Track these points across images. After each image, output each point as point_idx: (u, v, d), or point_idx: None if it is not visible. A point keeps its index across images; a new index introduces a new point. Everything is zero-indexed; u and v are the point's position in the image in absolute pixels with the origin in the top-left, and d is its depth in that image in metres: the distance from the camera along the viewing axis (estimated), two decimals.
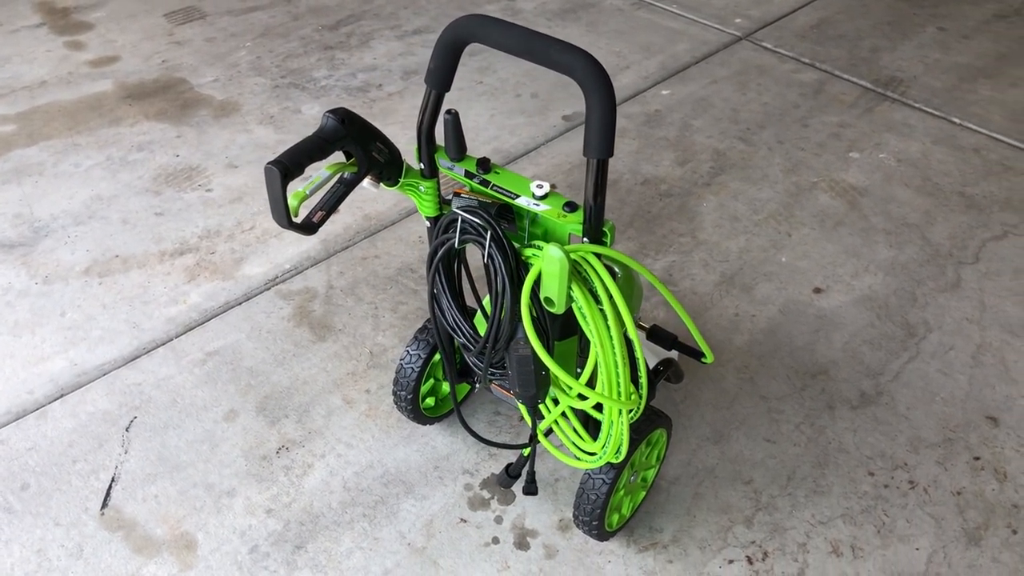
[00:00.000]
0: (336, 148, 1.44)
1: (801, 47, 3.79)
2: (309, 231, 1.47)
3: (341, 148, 1.46)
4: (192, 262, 2.67)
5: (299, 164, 1.38)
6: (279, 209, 1.39)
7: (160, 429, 2.18)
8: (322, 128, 1.44)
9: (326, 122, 1.43)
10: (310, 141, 1.41)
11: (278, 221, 1.42)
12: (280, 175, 1.35)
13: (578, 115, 3.34)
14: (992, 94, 3.49)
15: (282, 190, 1.37)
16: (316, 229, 1.48)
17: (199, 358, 2.37)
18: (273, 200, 1.39)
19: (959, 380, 2.31)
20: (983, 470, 2.10)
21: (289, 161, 1.37)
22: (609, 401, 1.43)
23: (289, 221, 1.41)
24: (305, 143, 1.41)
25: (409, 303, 2.53)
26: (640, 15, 4.05)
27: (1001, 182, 3.01)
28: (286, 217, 1.40)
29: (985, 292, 2.58)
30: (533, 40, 1.35)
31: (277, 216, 1.41)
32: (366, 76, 3.59)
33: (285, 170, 1.36)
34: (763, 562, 1.92)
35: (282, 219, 1.41)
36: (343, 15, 4.05)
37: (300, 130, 3.26)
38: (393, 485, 2.06)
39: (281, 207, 1.39)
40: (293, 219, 1.42)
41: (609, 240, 1.46)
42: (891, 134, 3.25)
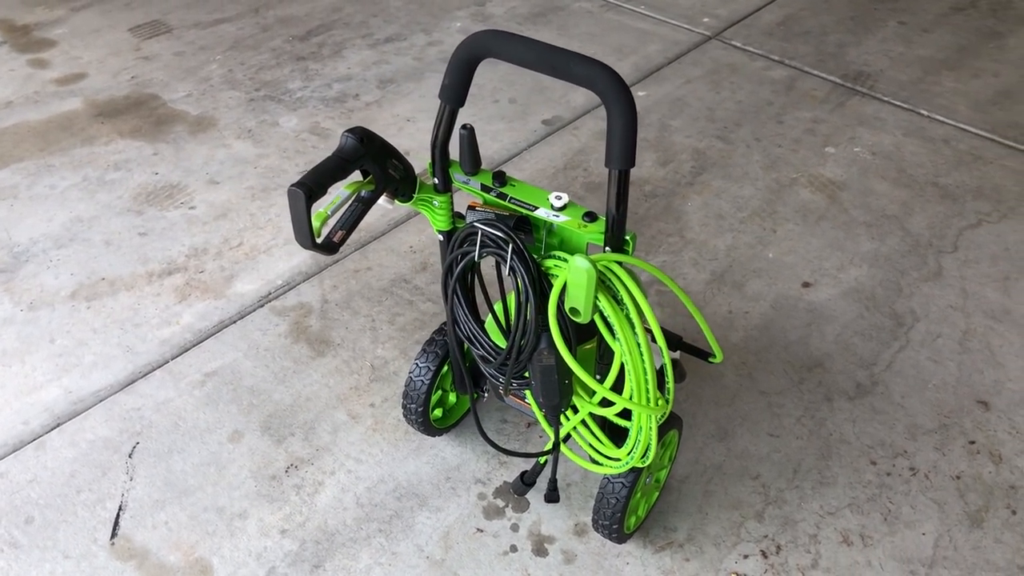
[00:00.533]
0: (356, 167, 1.44)
1: (770, 44, 3.86)
2: (331, 251, 1.46)
3: (360, 167, 1.46)
4: (181, 282, 2.64)
5: (322, 185, 1.38)
6: (303, 231, 1.39)
7: (164, 454, 2.15)
8: (341, 148, 1.43)
9: (345, 141, 1.43)
10: (331, 161, 1.41)
11: (302, 243, 1.41)
12: (305, 197, 1.35)
13: (557, 119, 3.36)
14: (956, 85, 3.59)
15: (307, 212, 1.37)
16: (337, 249, 1.48)
17: (198, 379, 2.34)
18: (297, 222, 1.38)
19: (949, 367, 2.38)
20: (979, 454, 2.17)
21: (312, 182, 1.36)
22: (639, 408, 1.45)
23: (313, 242, 1.41)
24: (326, 163, 1.40)
25: (406, 314, 2.53)
26: (609, 17, 4.09)
27: (972, 171, 3.10)
28: (310, 238, 1.40)
29: (966, 280, 2.65)
30: (552, 54, 1.37)
31: (301, 238, 1.40)
32: (342, 86, 3.57)
33: (309, 192, 1.35)
34: (777, 555, 1.96)
35: (306, 240, 1.40)
36: (313, 25, 4.02)
37: (279, 143, 3.23)
38: (406, 498, 2.06)
39: (306, 229, 1.38)
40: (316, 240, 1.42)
41: (631, 248, 1.48)
42: (864, 128, 3.32)
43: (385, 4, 4.19)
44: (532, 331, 1.49)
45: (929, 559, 1.95)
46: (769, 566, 1.93)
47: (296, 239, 1.42)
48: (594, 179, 3.06)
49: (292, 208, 1.37)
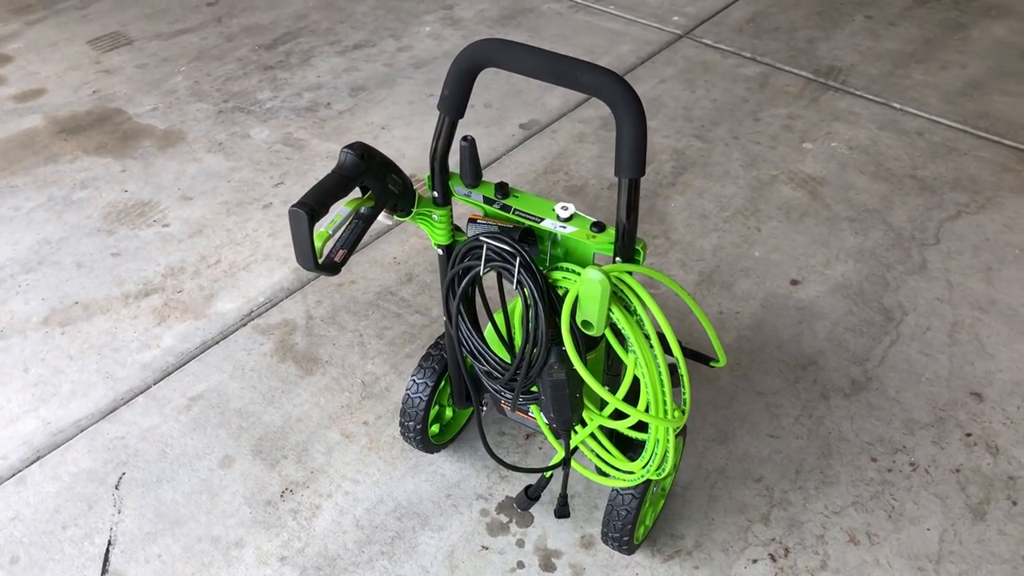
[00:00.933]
0: (356, 184, 1.39)
1: (741, 42, 3.87)
2: (333, 271, 1.41)
3: (360, 183, 1.41)
4: (159, 303, 2.56)
5: (324, 204, 1.33)
6: (306, 252, 1.34)
7: (152, 483, 2.08)
8: (341, 164, 1.38)
9: (345, 158, 1.38)
10: (331, 179, 1.36)
11: (304, 264, 1.36)
12: (308, 217, 1.30)
13: (534, 122, 3.33)
14: (925, 78, 3.62)
15: (309, 233, 1.31)
16: (340, 269, 1.42)
17: (183, 404, 2.26)
18: (300, 244, 1.33)
19: (940, 360, 2.39)
20: (976, 446, 2.18)
21: (314, 202, 1.31)
22: (657, 420, 1.42)
23: (316, 263, 1.36)
24: (326, 182, 1.35)
25: (394, 328, 2.48)
26: (579, 18, 4.07)
27: (947, 163, 3.13)
28: (313, 260, 1.35)
29: (950, 271, 2.67)
30: (558, 62, 1.33)
31: (303, 260, 1.35)
32: (312, 95, 3.50)
33: (312, 212, 1.30)
34: (786, 558, 1.94)
35: (309, 262, 1.35)
36: (278, 33, 3.94)
37: (252, 155, 3.16)
38: (407, 518, 2.01)
39: (308, 250, 1.33)
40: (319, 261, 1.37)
41: (642, 258, 1.45)
42: (839, 123, 3.34)
43: (351, 10, 4.13)
44: (543, 346, 1.45)
45: (936, 555, 1.95)
46: (779, 569, 1.92)
47: (298, 261, 1.37)
48: (575, 182, 3.03)
49: (294, 230, 1.32)
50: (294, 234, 1.33)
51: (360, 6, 4.17)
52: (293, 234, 1.33)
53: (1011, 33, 3.94)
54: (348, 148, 1.39)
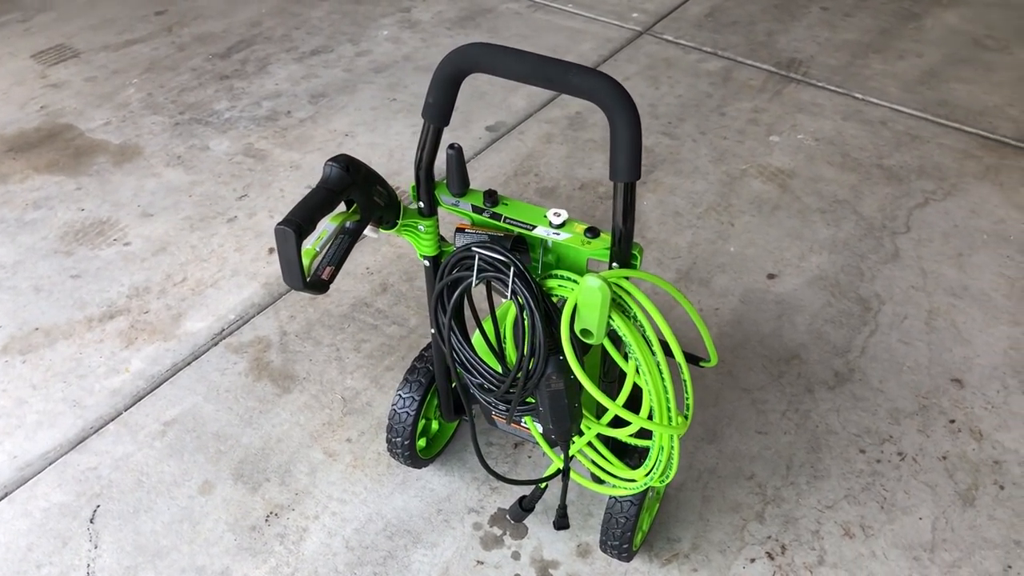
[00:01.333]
0: (343, 198, 1.34)
1: (701, 37, 3.87)
2: (321, 290, 1.36)
3: (346, 197, 1.36)
4: (125, 325, 2.46)
5: (311, 220, 1.27)
6: (294, 271, 1.28)
7: (130, 515, 1.99)
8: (327, 178, 1.33)
9: (330, 171, 1.33)
10: (317, 194, 1.30)
11: (292, 284, 1.30)
12: (295, 235, 1.24)
13: (501, 124, 3.29)
14: (884, 67, 3.66)
15: (297, 251, 1.26)
16: (328, 287, 1.37)
17: (157, 430, 2.18)
18: (287, 262, 1.27)
19: (919, 348, 2.41)
20: (960, 432, 2.19)
21: (301, 219, 1.26)
22: (661, 428, 1.39)
23: (304, 282, 1.30)
24: (312, 197, 1.30)
25: (372, 340, 2.42)
26: (539, 17, 4.04)
27: (912, 151, 3.16)
28: (301, 279, 1.29)
29: (923, 259, 2.69)
30: (548, 66, 1.29)
31: (291, 279, 1.30)
32: (271, 104, 3.42)
33: (299, 229, 1.25)
34: (783, 555, 1.93)
35: (297, 281, 1.29)
36: (232, 41, 3.84)
37: (213, 168, 3.07)
38: (398, 536, 1.96)
39: (296, 269, 1.28)
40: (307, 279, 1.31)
41: (639, 262, 1.42)
42: (803, 115, 3.36)
43: (306, 16, 4.04)
44: (541, 356, 1.41)
45: (929, 543, 1.95)
46: (777, 568, 1.91)
47: (285, 280, 1.31)
48: (546, 184, 3.00)
49: (280, 249, 1.26)
50: (281, 253, 1.27)
51: (315, 11, 4.09)
52: (280, 253, 1.27)
53: (962, 21, 4.00)
54: (332, 161, 1.34)
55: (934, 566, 1.91)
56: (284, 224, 1.25)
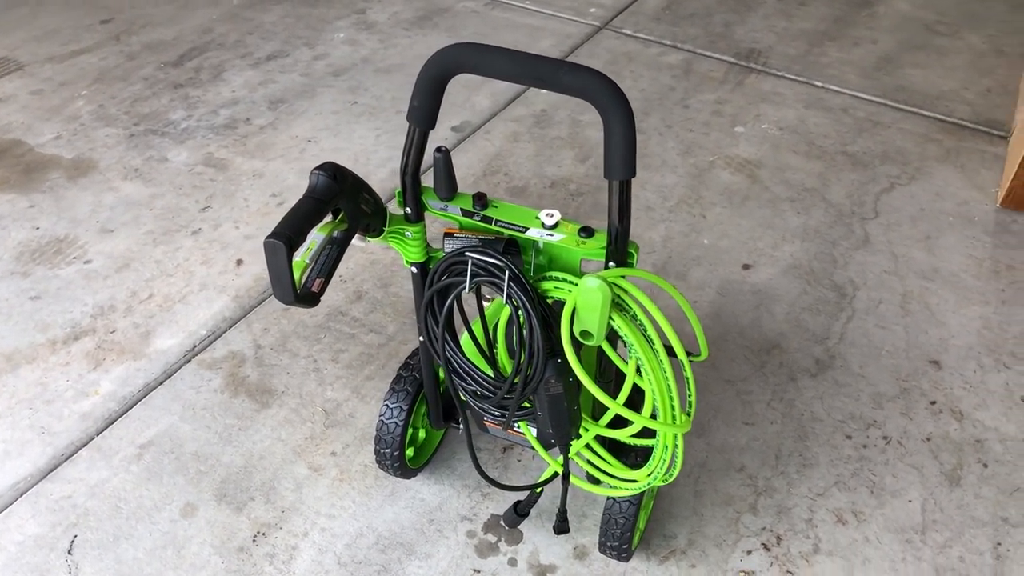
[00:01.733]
0: (331, 207, 1.29)
1: (660, 30, 3.87)
2: (312, 303, 1.31)
3: (335, 206, 1.31)
4: (92, 346, 2.38)
5: (301, 231, 1.23)
6: (285, 285, 1.23)
7: (109, 543, 1.92)
8: (314, 188, 1.28)
9: (317, 180, 1.28)
10: (305, 204, 1.26)
11: (283, 298, 1.26)
12: (286, 248, 1.19)
13: (466, 124, 3.25)
14: (840, 55, 3.70)
15: (288, 264, 1.21)
16: (319, 300, 1.32)
17: (133, 453, 2.11)
18: (278, 276, 1.23)
19: (896, 331, 2.43)
20: (941, 413, 2.22)
21: (291, 230, 1.21)
22: (665, 427, 1.38)
23: (296, 296, 1.25)
24: (301, 207, 1.25)
25: (350, 349, 2.37)
26: (496, 15, 4.00)
27: (874, 137, 3.20)
28: (293, 293, 1.25)
29: (893, 243, 2.73)
30: (538, 64, 1.26)
31: (282, 293, 1.25)
32: (229, 112, 3.33)
33: (290, 241, 1.20)
34: (779, 546, 1.93)
35: (288, 295, 1.25)
36: (184, 49, 3.74)
37: (173, 180, 2.98)
38: (391, 549, 1.92)
39: (288, 283, 1.23)
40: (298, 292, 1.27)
41: (635, 260, 1.40)
42: (766, 104, 3.38)
43: (259, 21, 3.96)
44: (540, 361, 1.39)
45: (920, 525, 1.97)
46: (774, 558, 1.91)
47: (275, 295, 1.26)
48: (516, 183, 2.97)
49: (270, 262, 1.21)
50: (271, 267, 1.22)
51: (267, 16, 4.00)
52: (270, 267, 1.22)
53: (913, 7, 4.06)
54: (319, 169, 1.29)
55: (926, 547, 1.93)
56: (274, 237, 1.20)
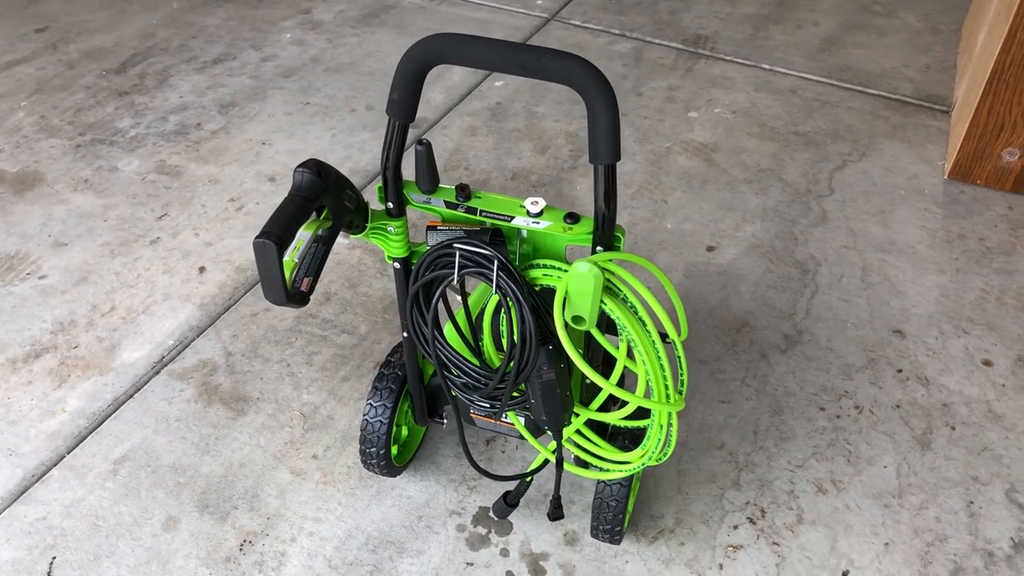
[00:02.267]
0: (317, 204, 1.28)
1: (607, 19, 3.90)
2: (303, 302, 1.30)
3: (320, 204, 1.30)
4: (54, 363, 2.31)
5: (290, 230, 1.21)
6: (276, 286, 1.22)
7: (90, 563, 1.87)
8: (299, 186, 1.27)
9: (302, 178, 1.27)
10: (293, 202, 1.24)
11: (274, 299, 1.24)
12: (276, 247, 1.18)
13: (422, 120, 3.24)
14: (785, 38, 3.78)
15: (279, 264, 1.20)
16: (308, 299, 1.31)
17: (107, 469, 2.05)
18: (269, 277, 1.21)
19: (859, 304, 2.50)
20: (908, 380, 2.29)
21: (280, 229, 1.19)
22: (659, 406, 1.39)
23: (287, 296, 1.24)
24: (288, 206, 1.24)
25: (323, 352, 2.34)
26: (444, 10, 3.99)
27: (824, 116, 3.28)
28: (284, 292, 1.23)
29: (849, 219, 2.80)
30: (520, 52, 1.27)
31: (273, 294, 1.23)
32: (179, 117, 3.26)
33: (280, 240, 1.18)
34: (764, 519, 1.97)
35: (280, 296, 1.23)
36: (125, 55, 3.65)
37: (126, 189, 2.91)
38: (382, 549, 1.90)
39: (279, 283, 1.21)
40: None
41: (621, 244, 1.41)
42: (717, 89, 3.43)
43: (201, 24, 3.88)
44: (533, 348, 1.39)
45: (896, 489, 2.03)
46: (760, 531, 1.95)
47: (266, 296, 1.24)
48: (477, 176, 2.97)
49: (261, 263, 1.20)
50: (261, 268, 1.20)
51: (210, 19, 3.92)
52: (260, 268, 1.20)
53: None
54: (302, 167, 1.28)
55: (904, 510, 1.99)
56: (264, 237, 1.18)
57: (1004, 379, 2.29)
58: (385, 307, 2.48)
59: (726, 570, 1.87)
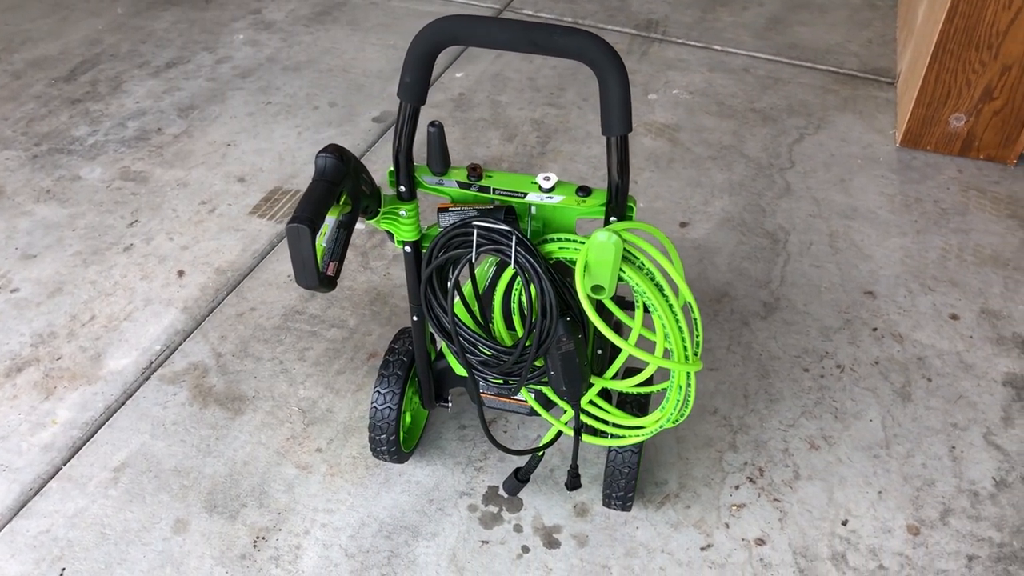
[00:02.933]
0: (341, 188, 1.29)
1: (559, 8, 3.96)
2: (331, 286, 1.31)
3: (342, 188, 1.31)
4: (38, 375, 2.26)
5: (321, 214, 1.23)
6: (310, 270, 1.23)
7: (102, 571, 1.85)
8: (323, 171, 1.28)
9: (325, 163, 1.28)
10: (319, 187, 1.25)
11: (307, 283, 1.25)
12: (311, 232, 1.19)
13: (387, 114, 3.25)
14: (732, 19, 3.88)
15: (313, 248, 1.21)
16: (336, 283, 1.32)
17: (107, 478, 2.03)
18: (303, 262, 1.22)
19: (830, 269, 2.60)
20: (884, 337, 2.39)
21: (312, 214, 1.21)
22: (679, 366, 1.44)
23: (319, 279, 1.25)
24: (316, 191, 1.25)
25: (314, 347, 2.34)
26: (396, 5, 3.99)
27: (777, 93, 3.38)
28: (317, 276, 1.24)
29: (812, 189, 2.90)
30: (531, 30, 1.30)
31: (306, 278, 1.24)
32: (138, 123, 3.21)
33: (312, 225, 1.20)
34: (763, 477, 2.05)
35: (312, 280, 1.24)
36: (74, 63, 3.57)
37: (91, 197, 2.85)
38: (397, 534, 1.92)
39: (312, 267, 1.23)
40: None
41: (633, 214, 1.46)
42: (673, 71, 3.51)
43: (150, 28, 3.81)
44: (553, 320, 1.43)
45: (883, 441, 2.13)
46: (760, 489, 2.02)
47: (298, 281, 1.25)
48: None
49: (295, 248, 1.21)
50: (294, 253, 1.21)
51: (158, 23, 3.86)
52: (293, 253, 1.21)
53: None
54: (324, 152, 1.29)
55: (892, 460, 2.08)
56: (296, 221, 1.19)
57: (971, 331, 2.41)
58: (372, 299, 2.49)
59: (732, 529, 1.94)
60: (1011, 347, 2.36)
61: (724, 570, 1.86)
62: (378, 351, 2.32)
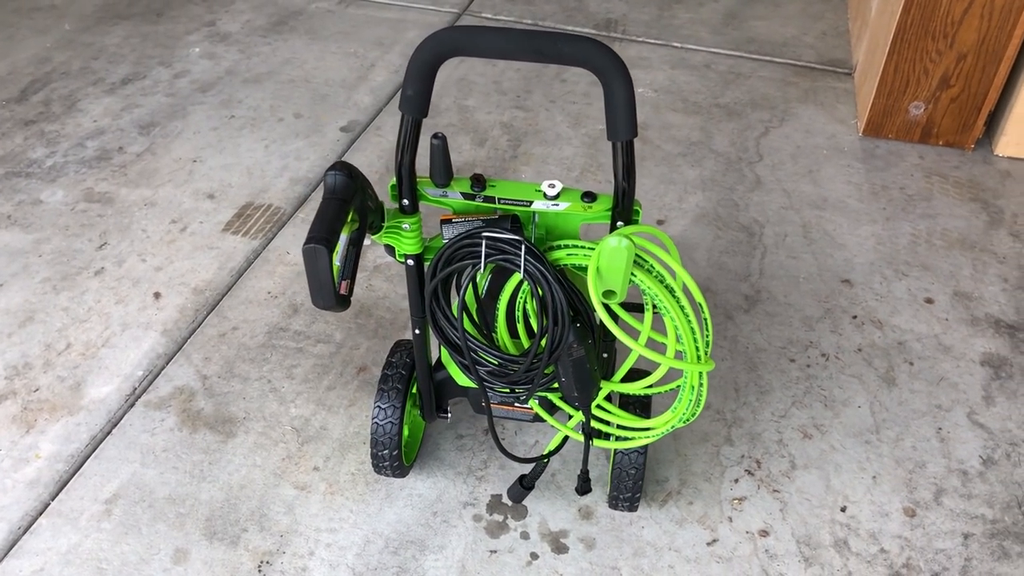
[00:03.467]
0: (352, 205, 1.27)
1: (517, 10, 3.96)
2: (346, 305, 1.29)
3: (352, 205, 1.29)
4: (16, 409, 2.19)
5: (335, 232, 1.21)
6: (327, 289, 1.21)
7: None
8: (333, 189, 1.26)
9: (335, 180, 1.26)
10: (331, 205, 1.24)
11: (324, 303, 1.23)
12: (327, 251, 1.17)
13: (354, 123, 3.21)
14: (689, 16, 3.93)
15: (330, 268, 1.19)
16: (350, 302, 1.30)
17: (99, 510, 1.97)
18: (320, 282, 1.20)
19: (806, 259, 2.65)
20: (864, 325, 2.44)
21: (328, 233, 1.19)
22: (692, 366, 1.46)
23: (336, 298, 1.23)
24: (328, 210, 1.23)
25: (302, 364, 2.31)
26: (353, 12, 3.95)
27: (739, 87, 3.43)
28: (334, 295, 1.23)
29: (782, 181, 2.95)
30: (535, 39, 1.30)
31: (323, 298, 1.22)
32: (97, 143, 3.12)
33: (329, 244, 1.18)
34: (760, 469, 2.08)
35: (330, 299, 1.23)
36: (24, 83, 3.46)
37: (55, 221, 2.77)
38: (403, 549, 1.90)
39: (329, 287, 1.21)
40: None
41: (639, 218, 1.47)
42: (636, 69, 3.54)
43: (101, 44, 3.71)
44: (565, 327, 1.43)
45: (873, 426, 2.17)
46: (759, 481, 2.05)
47: (315, 302, 1.23)
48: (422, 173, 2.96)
49: (312, 268, 1.19)
50: (311, 273, 1.19)
51: (108, 38, 3.76)
52: (310, 274, 1.19)
53: None
54: (333, 169, 1.27)
55: (883, 444, 2.13)
56: (314, 242, 1.17)
57: (946, 313, 2.47)
58: (356, 312, 2.46)
59: (736, 522, 1.97)
60: (985, 327, 2.43)
61: (731, 564, 1.88)
62: (367, 365, 2.30)
